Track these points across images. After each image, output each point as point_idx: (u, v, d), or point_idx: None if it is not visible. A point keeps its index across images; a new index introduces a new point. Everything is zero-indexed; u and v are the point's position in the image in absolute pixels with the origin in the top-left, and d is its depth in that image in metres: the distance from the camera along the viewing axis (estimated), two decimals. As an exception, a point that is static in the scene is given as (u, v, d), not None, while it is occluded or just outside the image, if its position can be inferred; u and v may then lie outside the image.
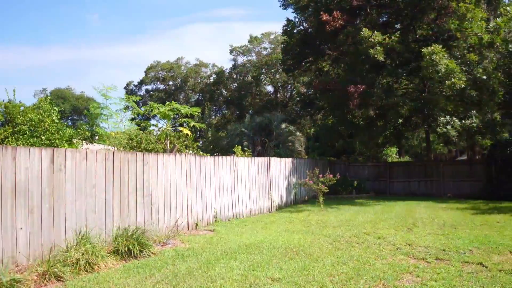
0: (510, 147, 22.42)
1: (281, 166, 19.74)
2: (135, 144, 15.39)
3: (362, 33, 21.90)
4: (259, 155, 25.45)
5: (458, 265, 7.90)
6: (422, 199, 23.18)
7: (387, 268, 7.77)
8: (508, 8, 23.43)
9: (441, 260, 8.38)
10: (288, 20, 29.06)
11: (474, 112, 24.28)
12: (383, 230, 12.18)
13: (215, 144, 31.62)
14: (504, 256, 8.59)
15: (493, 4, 27.08)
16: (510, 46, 22.31)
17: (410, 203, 20.43)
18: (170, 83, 58.11)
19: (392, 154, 37.33)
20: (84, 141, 14.92)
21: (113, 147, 14.87)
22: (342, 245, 9.96)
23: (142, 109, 17.05)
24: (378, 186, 27.23)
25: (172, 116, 15.43)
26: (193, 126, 15.77)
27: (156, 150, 15.32)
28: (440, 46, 21.07)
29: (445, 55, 20.99)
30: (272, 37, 50.22)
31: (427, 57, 20.71)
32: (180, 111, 15.43)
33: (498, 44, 22.27)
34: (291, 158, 21.44)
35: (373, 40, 21.73)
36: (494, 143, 23.94)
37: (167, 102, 15.54)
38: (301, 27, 29.35)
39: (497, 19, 23.20)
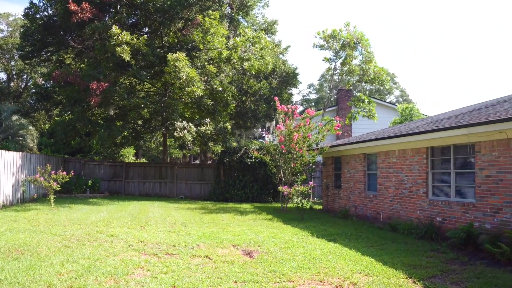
0: (236, 154, 24.80)
1: (8, 161, 17.90)
2: None
3: (111, 30, 21.57)
4: (-18, 147, 22.74)
5: (187, 259, 8.38)
6: (156, 199, 23.96)
7: (118, 264, 7.76)
8: (246, 30, 26.03)
9: (171, 254, 8.76)
10: (31, 3, 26.73)
11: (208, 120, 26.16)
12: (116, 228, 12.12)
13: None
14: (227, 249, 9.47)
15: (234, 24, 29.82)
16: (244, 63, 24.81)
17: (144, 203, 20.87)
18: None
19: (129, 155, 37.55)
20: None
21: None
22: (72, 244, 9.57)
23: None
24: (114, 186, 27.06)
25: None
26: None
27: None
28: (184, 55, 22.14)
29: (188, 64, 22.16)
30: (11, 19, 45.58)
31: (171, 63, 21.53)
32: None
33: (235, 60, 24.56)
34: (20, 153, 19.63)
35: (121, 39, 21.60)
36: (224, 149, 26.09)
37: None
38: (46, 13, 27.33)
39: (236, 38, 25.55)
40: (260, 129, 40.15)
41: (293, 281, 6.96)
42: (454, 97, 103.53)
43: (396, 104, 37.97)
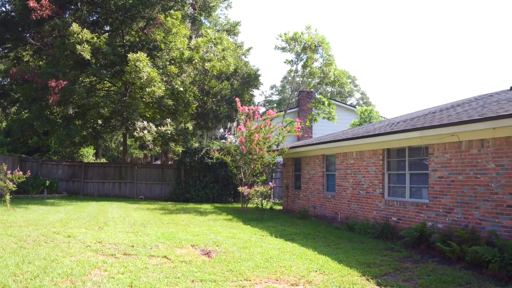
0: (198, 155, 24.77)
1: (-38, 159, 17.43)
2: None
3: (71, 28, 21.20)
4: None
5: (145, 259, 8.38)
6: (116, 200, 23.69)
7: (75, 264, 7.69)
8: (208, 31, 26.02)
9: (129, 255, 8.74)
10: (-12, -1, 26.11)
11: (169, 120, 26.03)
12: (74, 229, 11.96)
13: None
14: (186, 249, 9.51)
15: (197, 24, 29.77)
16: (206, 64, 24.82)
17: (103, 204, 20.62)
18: None
19: (89, 155, 36.93)
20: None
21: None
22: (28, 245, 9.41)
23: None
24: (72, 186, 26.60)
25: None
26: None
27: None
28: (145, 55, 21.99)
29: (149, 64, 22.01)
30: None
31: (132, 62, 21.34)
32: None
33: (196, 60, 24.54)
34: (-25, 151, 19.17)
35: (81, 37, 21.27)
36: (185, 150, 25.98)
37: None
38: (4, 9, 26.70)
39: (198, 38, 25.51)
40: (222, 130, 40.19)
41: (249, 280, 7.08)
42: (422, 99, 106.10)
43: (356, 106, 38.67)
